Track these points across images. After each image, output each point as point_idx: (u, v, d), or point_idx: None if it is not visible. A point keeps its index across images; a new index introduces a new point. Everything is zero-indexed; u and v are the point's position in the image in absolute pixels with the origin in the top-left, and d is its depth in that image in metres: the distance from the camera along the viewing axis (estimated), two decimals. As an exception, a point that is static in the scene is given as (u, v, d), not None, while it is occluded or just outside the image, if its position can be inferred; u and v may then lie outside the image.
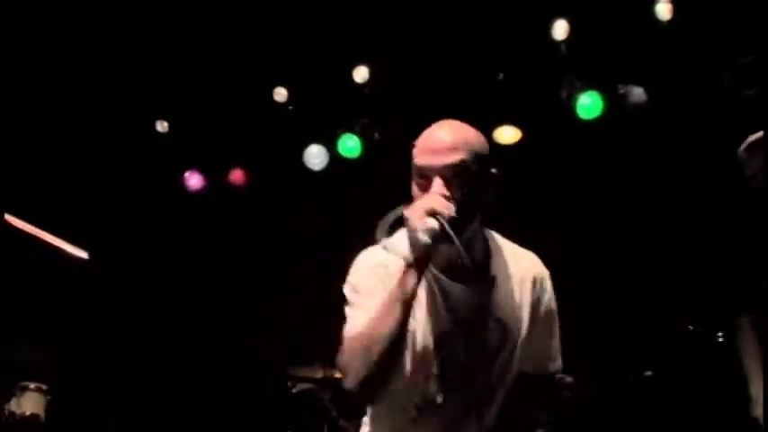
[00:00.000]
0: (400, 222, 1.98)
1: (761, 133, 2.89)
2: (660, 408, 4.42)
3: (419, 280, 1.94)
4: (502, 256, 2.16)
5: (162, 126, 5.72)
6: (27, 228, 5.33)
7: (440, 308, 2.07)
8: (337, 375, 4.53)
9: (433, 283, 2.07)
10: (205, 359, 5.71)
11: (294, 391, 4.58)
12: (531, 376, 2.23)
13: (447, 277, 2.08)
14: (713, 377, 4.22)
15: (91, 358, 5.56)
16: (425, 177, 2.00)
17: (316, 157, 5.52)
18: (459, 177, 1.98)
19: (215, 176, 5.79)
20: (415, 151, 2.05)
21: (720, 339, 4.29)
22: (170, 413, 5.55)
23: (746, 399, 3.08)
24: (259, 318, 5.60)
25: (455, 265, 2.01)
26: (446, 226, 1.89)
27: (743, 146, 3.00)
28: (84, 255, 5.74)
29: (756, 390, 3.04)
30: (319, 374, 4.51)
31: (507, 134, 5.33)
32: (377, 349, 1.91)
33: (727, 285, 3.26)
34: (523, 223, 4.85)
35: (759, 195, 2.85)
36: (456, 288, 2.08)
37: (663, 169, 5.02)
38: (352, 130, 5.39)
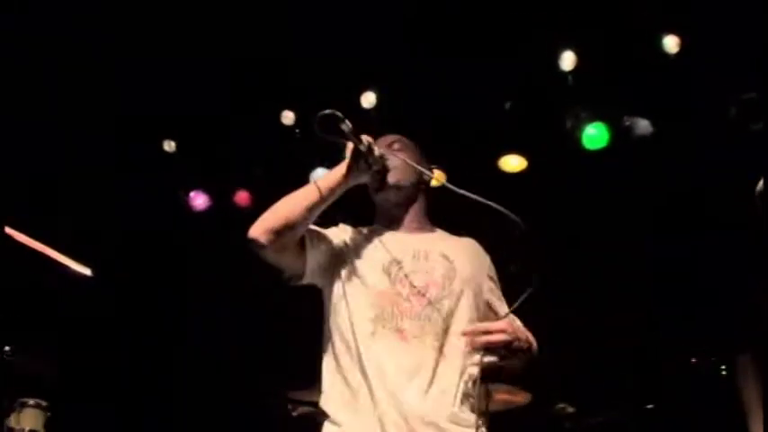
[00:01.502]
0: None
1: None
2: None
3: (343, 179, 2.41)
4: (443, 231, 2.61)
5: (169, 146, 5.75)
6: (31, 243, 5.34)
7: (388, 241, 2.49)
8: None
9: (381, 235, 2.52)
10: (206, 380, 5.69)
11: (294, 414, 4.56)
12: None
13: (392, 230, 2.55)
14: (715, 411, 4.20)
15: (91, 375, 5.56)
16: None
17: (321, 180, 5.52)
18: (398, 150, 2.57)
19: (220, 197, 5.81)
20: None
21: (723, 373, 4.27)
22: (168, 430, 5.54)
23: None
24: (260, 339, 5.60)
25: (397, 219, 2.53)
26: (375, 149, 2.40)
27: (759, 186, 3.00)
28: (87, 272, 5.76)
29: (756, 426, 3.03)
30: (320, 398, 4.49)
31: (513, 163, 5.35)
32: (280, 206, 2.38)
33: (730, 321, 3.26)
34: (527, 251, 4.87)
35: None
36: (401, 234, 2.55)
37: (667, 201, 5.02)
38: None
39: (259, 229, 2.35)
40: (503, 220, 2.25)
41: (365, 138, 2.40)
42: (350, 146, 2.39)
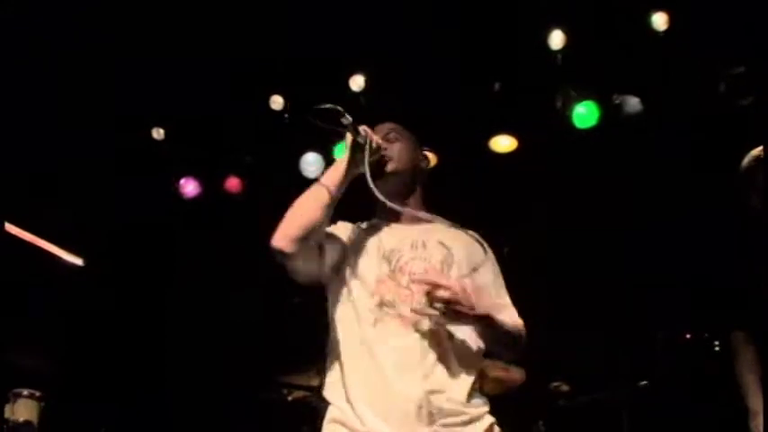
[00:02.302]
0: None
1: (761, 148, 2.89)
2: (655, 418, 4.42)
3: (345, 172, 2.42)
4: (440, 220, 2.52)
5: (158, 133, 5.72)
6: (22, 234, 5.33)
7: (387, 233, 2.52)
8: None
9: (380, 226, 2.55)
10: (200, 366, 5.70)
11: (289, 398, 4.57)
12: None
13: (390, 221, 2.55)
14: (709, 387, 4.23)
15: (85, 365, 5.55)
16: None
17: (312, 164, 5.52)
18: (392, 139, 2.57)
19: (211, 184, 5.79)
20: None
21: (717, 349, 4.30)
22: (163, 421, 5.54)
23: (744, 411, 3.08)
24: (254, 325, 5.60)
25: (394, 210, 2.47)
26: (373, 137, 2.41)
27: (746, 160, 3.00)
28: (79, 262, 5.74)
29: (754, 402, 3.04)
30: (315, 382, 4.50)
31: (503, 143, 5.34)
32: (296, 212, 2.36)
33: (724, 296, 3.26)
34: (519, 230, 4.88)
35: (761, 209, 2.86)
36: (400, 225, 2.55)
37: (658, 178, 5.03)
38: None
39: (283, 239, 2.32)
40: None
41: (363, 129, 2.41)
42: (349, 137, 2.40)
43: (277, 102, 5.46)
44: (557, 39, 4.90)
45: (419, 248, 2.47)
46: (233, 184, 5.74)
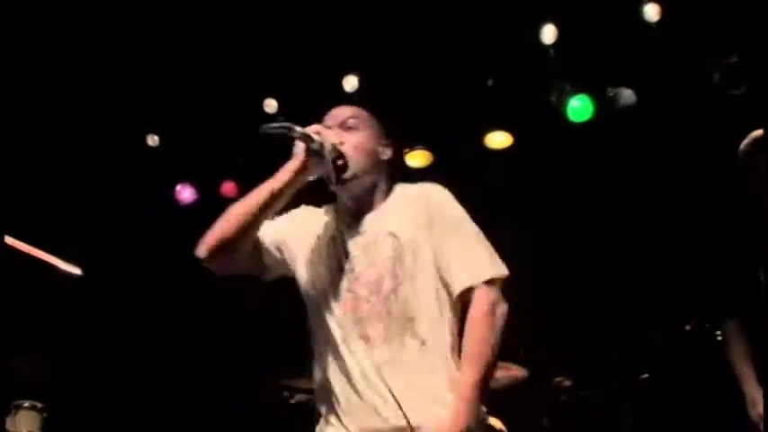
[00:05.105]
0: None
1: (761, 131, 2.88)
2: (657, 410, 4.42)
3: (292, 180, 2.27)
4: (398, 192, 2.41)
5: (153, 140, 5.71)
6: (19, 245, 5.31)
7: (345, 233, 2.35)
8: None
9: (337, 235, 2.36)
10: (200, 371, 5.69)
11: (291, 401, 4.56)
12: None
13: (349, 227, 2.36)
14: (711, 377, 4.22)
15: (86, 375, 5.54)
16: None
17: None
18: (350, 128, 2.37)
19: (207, 189, 5.78)
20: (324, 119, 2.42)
21: (718, 339, 4.28)
22: (167, 425, 5.53)
23: (742, 398, 3.08)
24: (255, 328, 5.58)
25: (355, 214, 2.35)
26: (327, 140, 2.26)
27: (744, 143, 2.99)
28: (77, 271, 5.72)
29: (751, 389, 3.03)
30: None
31: (498, 139, 5.34)
32: (232, 216, 2.27)
33: (716, 286, 3.26)
34: (516, 226, 4.87)
35: (760, 193, 2.85)
36: (355, 230, 2.35)
37: (655, 169, 5.02)
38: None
39: (201, 247, 2.30)
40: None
41: (316, 131, 2.27)
42: (300, 145, 2.27)
43: (271, 105, 5.45)
44: (549, 33, 4.89)
45: (370, 249, 2.30)
46: (229, 188, 5.72)
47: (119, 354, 5.71)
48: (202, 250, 2.29)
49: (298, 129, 2.25)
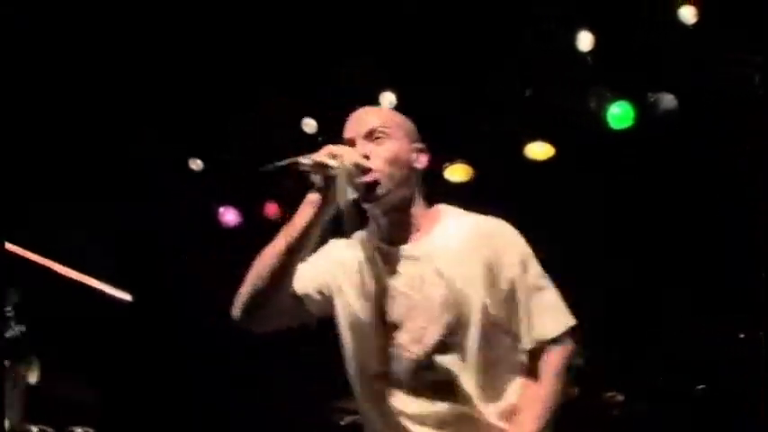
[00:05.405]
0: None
1: None
2: (714, 423, 4.33)
3: (317, 215, 2.02)
4: (447, 220, 2.16)
5: (195, 165, 5.78)
6: (70, 273, 5.39)
7: (380, 272, 2.11)
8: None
9: (375, 255, 2.13)
10: (252, 394, 5.71)
11: (342, 423, 4.55)
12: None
13: (387, 244, 2.13)
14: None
15: (134, 401, 5.58)
16: (352, 145, 2.10)
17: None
18: (378, 139, 2.10)
19: (250, 211, 5.82)
20: (344, 129, 2.16)
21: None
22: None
23: None
24: (305, 349, 5.59)
25: (391, 231, 2.12)
26: (346, 160, 1.98)
27: None
28: (127, 297, 5.79)
29: None
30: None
31: (539, 150, 5.30)
32: (260, 268, 2.03)
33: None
34: (561, 238, 4.82)
35: None
36: (394, 250, 2.12)
37: (699, 173, 4.95)
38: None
39: (236, 309, 2.07)
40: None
41: (329, 156, 2.00)
42: (316, 177, 2.01)
43: (310, 125, 5.48)
44: (585, 40, 4.86)
45: (416, 290, 2.07)
46: (272, 209, 5.76)
47: (167, 379, 5.76)
48: (237, 311, 2.06)
49: (305, 160, 2.00)
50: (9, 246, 4.70)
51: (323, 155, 2.00)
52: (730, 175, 4.74)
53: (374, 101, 5.26)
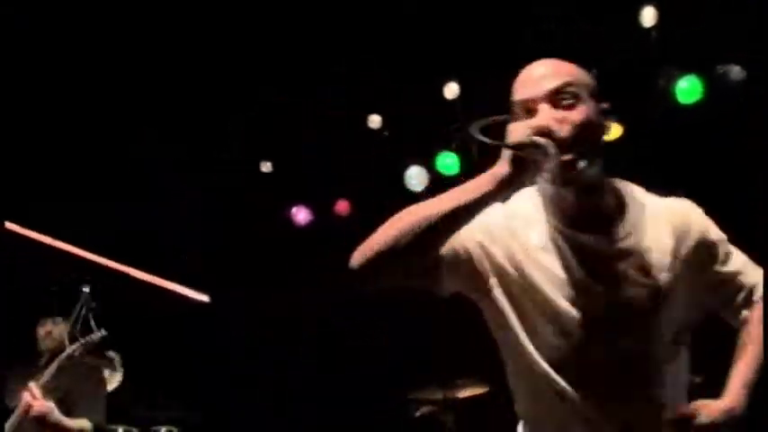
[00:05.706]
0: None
1: None
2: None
3: (498, 190, 1.69)
4: (638, 202, 1.88)
5: (266, 167, 5.88)
6: (148, 278, 5.52)
7: (570, 263, 1.80)
8: (459, 396, 4.47)
9: (558, 239, 1.82)
10: (327, 386, 5.76)
11: (416, 414, 4.56)
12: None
13: (574, 229, 1.81)
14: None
15: (231, 416, 5.68)
16: (531, 111, 1.76)
17: (415, 177, 5.55)
18: (568, 102, 1.75)
19: (321, 209, 5.89)
20: (514, 89, 1.82)
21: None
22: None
23: None
24: (378, 342, 5.63)
25: (580, 215, 1.80)
26: (546, 145, 1.65)
27: None
28: (204, 298, 5.92)
29: None
30: (439, 396, 4.48)
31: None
32: (407, 225, 1.69)
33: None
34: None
35: None
36: (587, 239, 1.81)
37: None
38: (449, 148, 5.40)
39: (359, 257, 1.72)
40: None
41: (536, 130, 1.67)
42: (506, 153, 1.69)
43: (375, 121, 5.52)
44: (648, 15, 4.77)
45: (617, 287, 1.80)
46: (343, 207, 5.82)
47: (246, 377, 5.85)
48: (362, 263, 1.70)
49: (523, 138, 1.65)
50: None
51: (527, 130, 1.67)
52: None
53: (437, 91, 5.27)
